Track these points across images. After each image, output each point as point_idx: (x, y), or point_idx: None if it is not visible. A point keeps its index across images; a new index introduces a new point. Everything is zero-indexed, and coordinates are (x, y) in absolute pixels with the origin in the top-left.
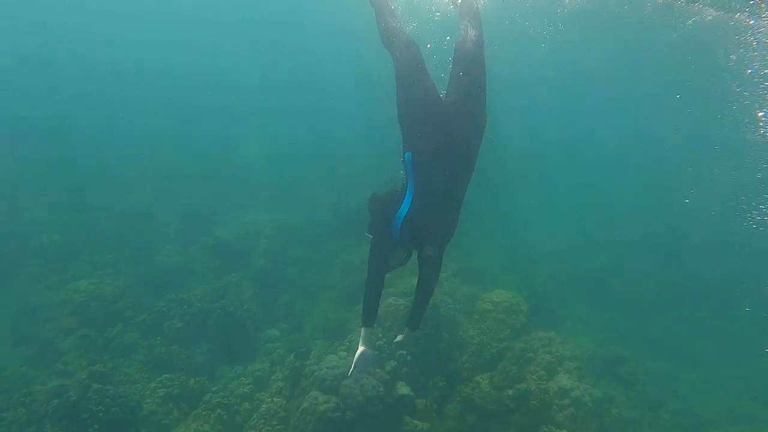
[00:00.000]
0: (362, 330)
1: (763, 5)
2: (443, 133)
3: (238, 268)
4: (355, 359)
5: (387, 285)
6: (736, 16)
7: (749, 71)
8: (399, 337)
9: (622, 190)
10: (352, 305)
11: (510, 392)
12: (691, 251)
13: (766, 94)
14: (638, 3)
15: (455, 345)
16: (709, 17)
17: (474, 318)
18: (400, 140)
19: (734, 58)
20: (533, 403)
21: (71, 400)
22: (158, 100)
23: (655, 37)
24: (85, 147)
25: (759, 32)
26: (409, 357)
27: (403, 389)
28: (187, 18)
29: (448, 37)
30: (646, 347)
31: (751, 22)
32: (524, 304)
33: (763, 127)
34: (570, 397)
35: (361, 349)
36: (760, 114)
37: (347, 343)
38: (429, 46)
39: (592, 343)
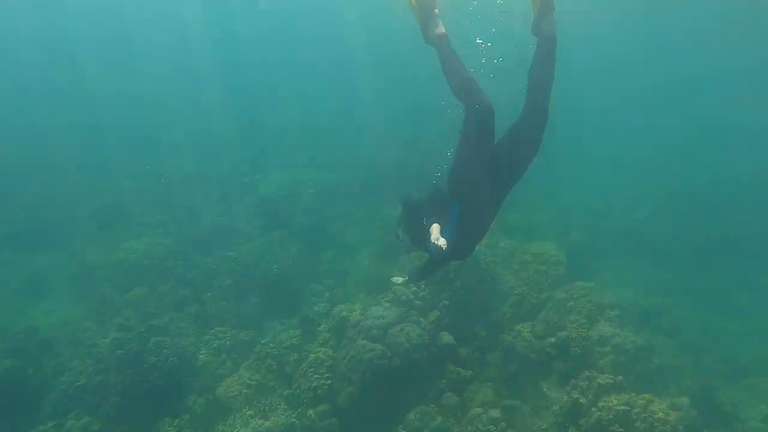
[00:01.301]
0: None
1: None
2: (496, 187)
3: (281, 225)
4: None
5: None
6: None
7: None
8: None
9: (663, 143)
10: (393, 260)
11: (551, 340)
12: (737, 203)
13: None
14: None
15: (496, 296)
16: None
17: (514, 269)
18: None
19: None
20: (574, 350)
21: (133, 351)
22: (199, 65)
23: None
24: (129, 113)
25: None
26: (451, 307)
27: (446, 338)
28: None
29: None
30: (688, 298)
31: None
32: (564, 256)
33: None
34: (611, 344)
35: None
36: None
37: (391, 295)
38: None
39: (633, 293)
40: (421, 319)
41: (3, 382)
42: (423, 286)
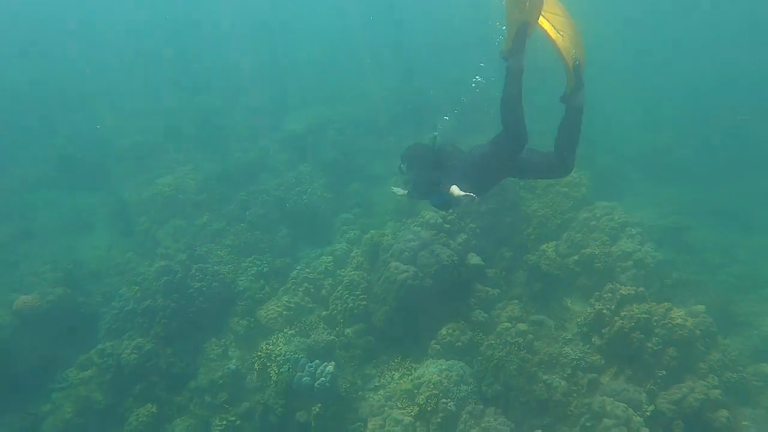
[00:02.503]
0: None
1: None
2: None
3: (309, 159)
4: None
5: None
6: None
7: None
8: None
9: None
10: None
11: (575, 258)
12: (756, 122)
13: None
14: None
15: (520, 218)
16: None
17: (537, 193)
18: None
19: None
20: (597, 266)
21: (178, 278)
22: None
23: None
24: (149, 53)
25: None
26: (478, 230)
27: (474, 259)
28: None
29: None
30: (707, 216)
31: None
32: (586, 178)
33: None
34: (633, 259)
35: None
36: None
37: (420, 219)
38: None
39: (654, 212)
40: (450, 242)
41: (57, 309)
42: (451, 210)
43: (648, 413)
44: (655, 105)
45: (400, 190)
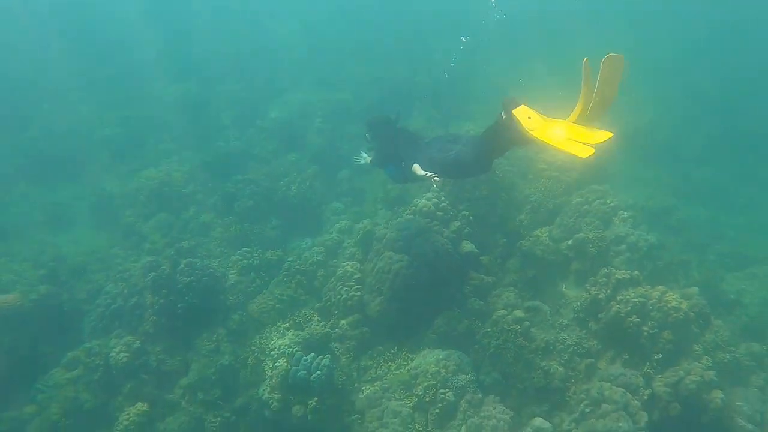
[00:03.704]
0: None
1: None
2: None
3: (296, 148)
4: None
5: None
6: None
7: None
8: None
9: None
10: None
11: (568, 242)
12: (738, 100)
13: None
14: None
15: (513, 205)
16: None
17: (529, 178)
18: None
19: None
20: (591, 250)
21: (166, 273)
22: None
23: None
24: (125, 41)
25: None
26: (471, 218)
27: (468, 247)
28: None
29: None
30: (693, 197)
31: None
32: (577, 162)
33: None
34: (626, 243)
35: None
36: None
37: (412, 208)
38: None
39: (640, 194)
40: (444, 230)
41: (41, 307)
42: (443, 198)
43: (645, 397)
44: (634, 85)
45: (365, 157)
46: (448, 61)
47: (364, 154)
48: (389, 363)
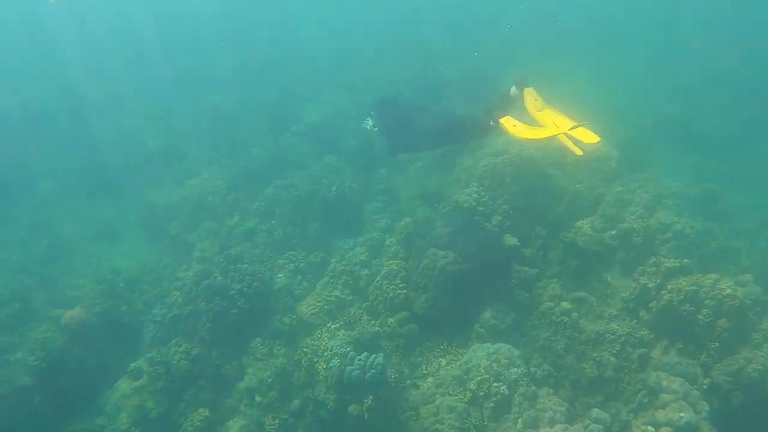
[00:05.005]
0: None
1: None
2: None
3: (331, 150)
4: None
5: (482, 146)
6: None
7: None
8: None
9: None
10: (446, 171)
11: (612, 232)
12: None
13: None
14: None
15: (551, 196)
16: None
17: (566, 170)
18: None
19: None
20: (636, 239)
21: (218, 280)
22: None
23: None
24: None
25: None
26: (511, 211)
27: (510, 240)
28: None
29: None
30: (736, 183)
31: None
32: (614, 151)
33: None
34: (672, 231)
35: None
36: None
37: (453, 203)
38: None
39: (684, 183)
40: (485, 224)
41: (103, 320)
42: (483, 192)
43: (705, 386)
44: (668, 74)
45: (370, 123)
46: (475, 60)
47: (369, 120)
48: (440, 358)
